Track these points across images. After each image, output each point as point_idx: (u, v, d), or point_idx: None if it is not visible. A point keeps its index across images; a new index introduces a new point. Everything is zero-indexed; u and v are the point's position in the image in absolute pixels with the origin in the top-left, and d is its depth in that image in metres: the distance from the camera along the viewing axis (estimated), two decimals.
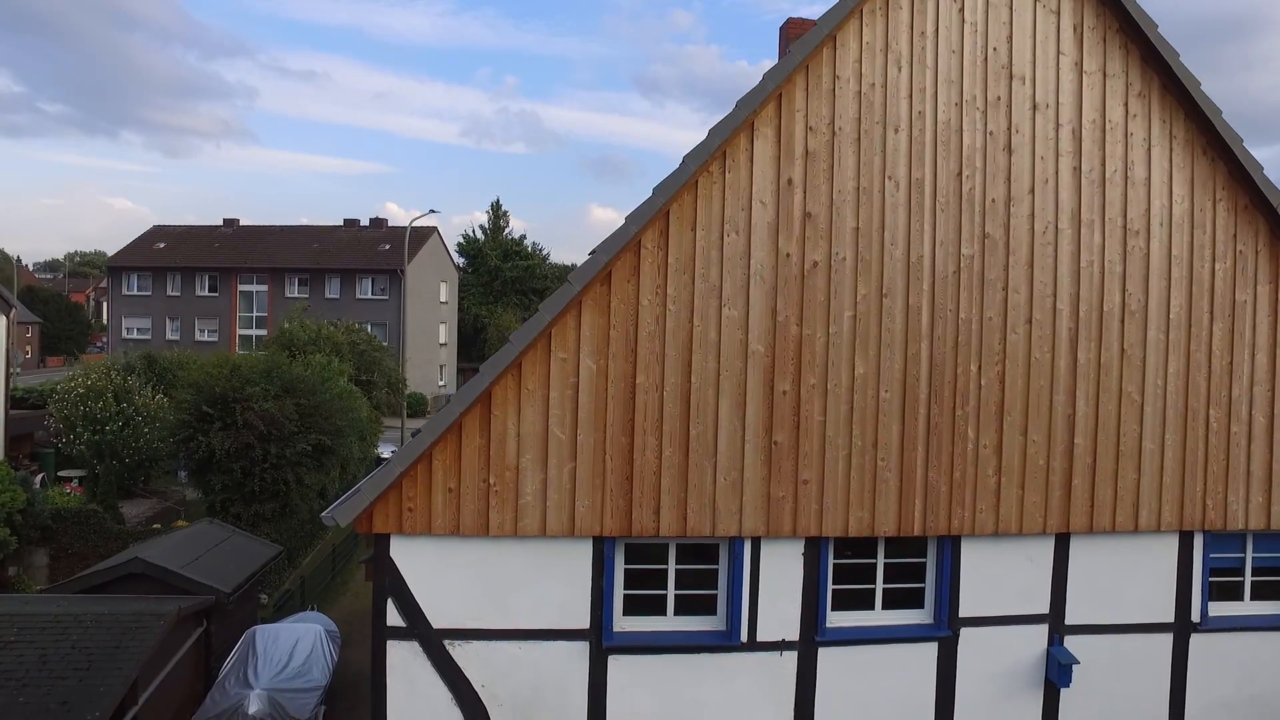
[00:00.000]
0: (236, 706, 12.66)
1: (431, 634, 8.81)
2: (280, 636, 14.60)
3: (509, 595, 8.88)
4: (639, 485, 8.85)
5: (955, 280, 9.35)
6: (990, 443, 9.42)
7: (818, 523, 9.14)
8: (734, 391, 8.98)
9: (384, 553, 8.74)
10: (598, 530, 8.82)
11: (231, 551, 16.36)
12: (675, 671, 9.13)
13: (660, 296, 8.86)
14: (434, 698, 8.84)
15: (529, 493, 8.72)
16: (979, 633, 9.61)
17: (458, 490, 8.66)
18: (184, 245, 51.04)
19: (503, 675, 8.91)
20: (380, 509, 8.61)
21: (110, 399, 22.99)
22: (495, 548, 8.82)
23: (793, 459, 9.08)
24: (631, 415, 8.83)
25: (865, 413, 9.19)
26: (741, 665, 9.22)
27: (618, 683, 9.04)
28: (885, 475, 9.24)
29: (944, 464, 9.34)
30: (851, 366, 9.18)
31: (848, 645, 9.39)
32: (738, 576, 9.13)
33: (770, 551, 9.19)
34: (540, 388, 8.72)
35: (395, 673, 8.81)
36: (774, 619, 9.25)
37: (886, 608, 9.65)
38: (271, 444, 19.61)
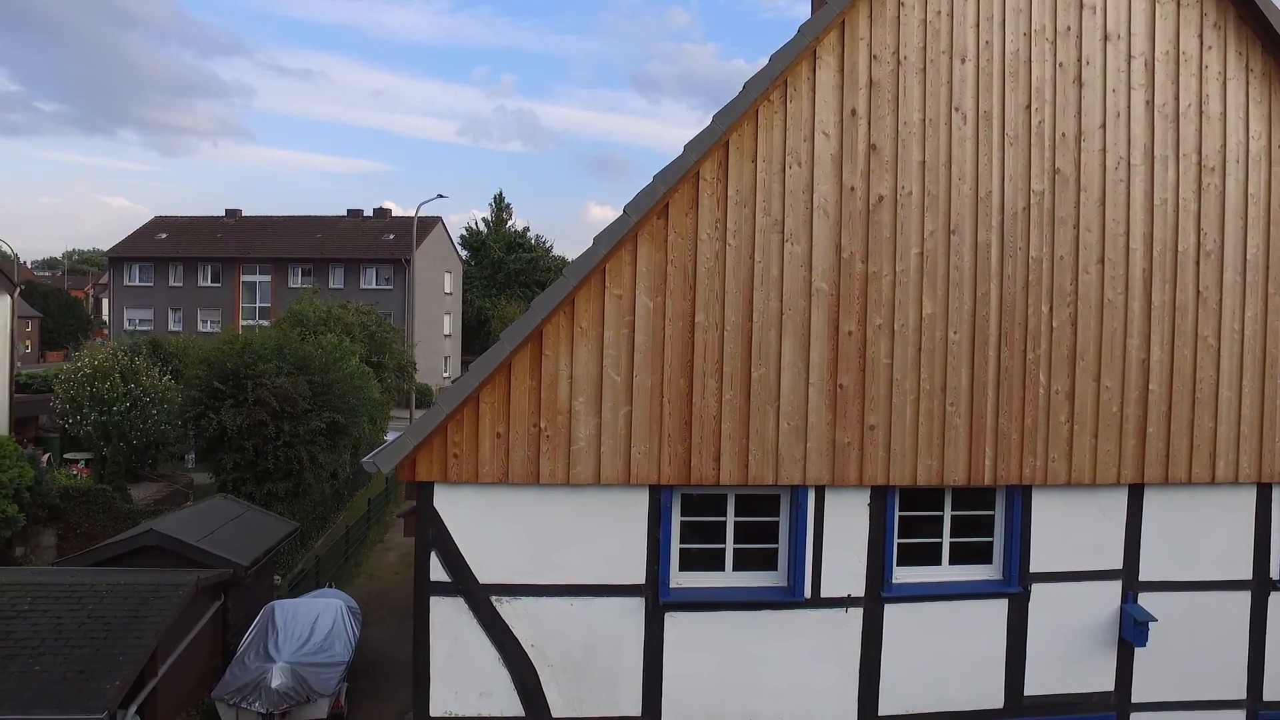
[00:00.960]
0: (259, 680, 12.14)
1: (477, 590, 8.32)
2: (300, 611, 14.08)
3: (560, 549, 8.38)
4: (698, 430, 8.37)
5: (1025, 217, 8.88)
6: (1063, 388, 8.95)
7: (884, 471, 8.66)
8: (797, 331, 8.50)
9: (427, 503, 8.24)
10: (654, 478, 8.34)
11: (247, 526, 15.84)
12: (735, 629, 8.64)
13: (720, 231, 8.38)
14: (479, 657, 8.35)
15: (582, 438, 8.23)
16: (1050, 589, 9.13)
17: (506, 435, 8.17)
18: (186, 236, 50.44)
19: (553, 634, 8.42)
20: (424, 455, 8.12)
21: (118, 379, 22.43)
22: (545, 497, 8.33)
23: (859, 403, 8.60)
24: (690, 356, 8.35)
25: (933, 355, 8.72)
26: (804, 623, 8.74)
27: (674, 641, 8.55)
28: (954, 421, 8.77)
29: (1014, 410, 8.86)
30: (919, 306, 8.70)
31: (915, 602, 8.91)
32: (800, 529, 8.64)
33: (835, 502, 8.71)
34: (594, 326, 8.23)
35: (439, 630, 8.31)
36: (838, 574, 8.77)
37: (953, 563, 9.18)
38: (285, 421, 19.10)
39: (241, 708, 12.14)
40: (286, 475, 19.16)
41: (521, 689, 8.41)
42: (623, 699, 8.55)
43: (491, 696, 8.40)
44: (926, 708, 9.01)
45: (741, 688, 8.68)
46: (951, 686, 9.03)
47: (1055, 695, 9.23)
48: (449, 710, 8.37)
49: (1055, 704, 9.25)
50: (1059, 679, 9.22)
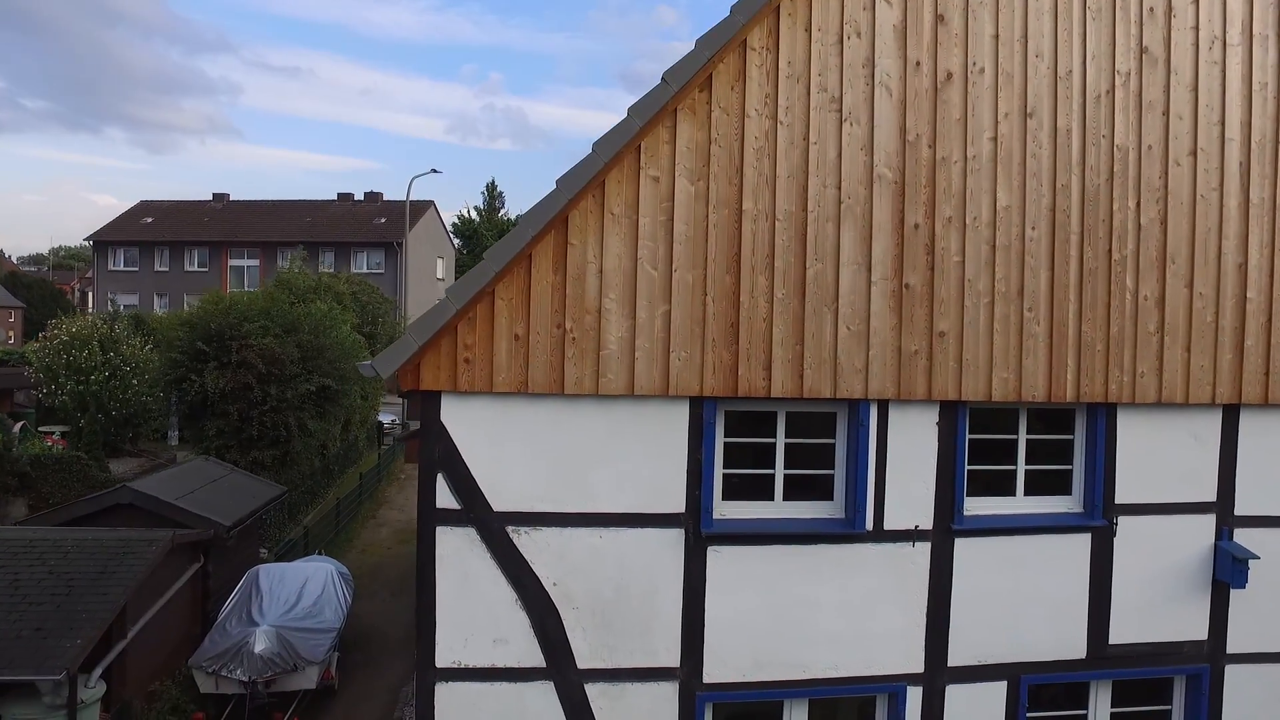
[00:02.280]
0: (240, 646, 10.96)
1: (491, 519, 7.20)
2: (287, 575, 12.91)
3: (587, 471, 7.28)
4: (746, 335, 7.28)
5: (1109, 101, 7.85)
6: (1151, 294, 7.91)
7: (956, 384, 7.59)
8: (858, 223, 7.43)
9: (434, 417, 7.12)
10: (696, 389, 7.25)
11: (231, 488, 14.66)
12: (786, 566, 7.56)
13: (770, 107, 7.31)
14: (493, 598, 7.23)
15: (614, 342, 7.14)
16: (1137, 523, 8.08)
17: (526, 337, 7.06)
18: (172, 220, 49.01)
19: (578, 570, 7.31)
20: (430, 359, 7.01)
21: (96, 347, 21.18)
22: (571, 411, 7.23)
23: (926, 307, 7.54)
24: (737, 249, 7.27)
25: (1009, 253, 7.67)
26: (864, 559, 7.66)
27: (718, 580, 7.46)
28: (1033, 329, 7.72)
29: (1099, 318, 7.82)
30: (993, 198, 7.65)
31: (988, 536, 7.85)
32: (861, 452, 7.57)
33: (900, 420, 7.64)
34: (628, 212, 7.14)
35: (446, 566, 7.19)
36: (903, 504, 7.69)
37: (1028, 494, 8.12)
38: (272, 385, 17.92)
39: (222, 676, 10.97)
40: (273, 443, 17.97)
41: (542, 635, 7.29)
42: (659, 647, 7.44)
43: (507, 644, 7.28)
44: (1001, 657, 7.94)
45: (793, 634, 7.60)
46: (1029, 633, 7.97)
47: (1143, 644, 8.17)
48: (457, 660, 7.25)
49: (1143, 654, 8.19)
50: (1147, 626, 8.17)
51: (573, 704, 7.35)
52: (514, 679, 7.30)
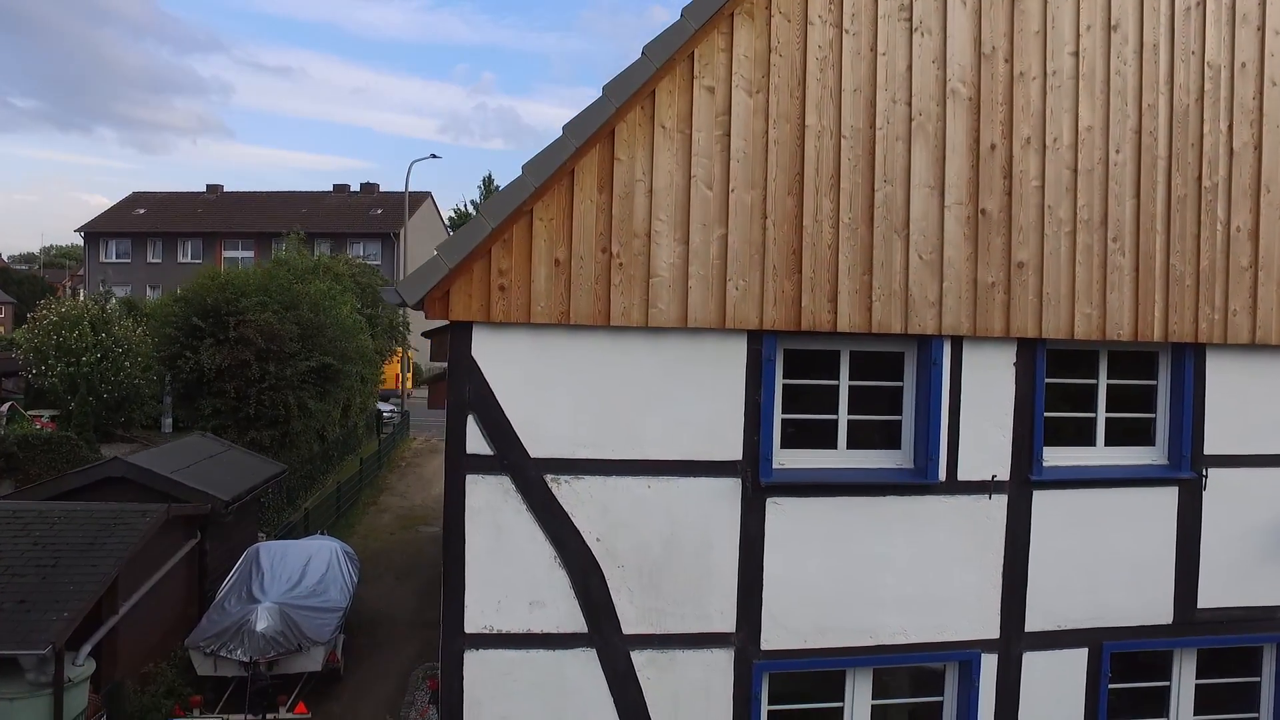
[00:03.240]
0: (241, 624, 10.18)
1: (528, 466, 6.48)
2: (289, 553, 12.14)
3: (635, 414, 6.56)
4: (810, 263, 6.59)
5: (1199, 14, 7.20)
6: (1244, 226, 7.26)
7: (1036, 320, 6.92)
8: (930, 143, 6.75)
9: (464, 351, 6.40)
10: (755, 322, 6.55)
11: (229, 464, 13.89)
12: (852, 521, 6.85)
13: (835, 14, 6.62)
14: (529, 554, 6.50)
15: (664, 268, 6.43)
16: (1228, 476, 7.42)
17: (567, 262, 6.35)
18: (165, 211, 47.99)
19: (624, 524, 6.59)
20: (461, 285, 6.28)
21: (87, 328, 20.34)
22: (617, 346, 6.51)
23: (1004, 234, 6.87)
24: (799, 169, 6.58)
25: (1092, 178, 7.00)
26: (936, 513, 6.96)
27: (777, 536, 6.75)
28: (1117, 261, 7.05)
29: (1188, 251, 7.17)
30: (1074, 118, 6.98)
31: (1069, 489, 7.17)
32: (933, 395, 6.88)
33: (974, 360, 6.96)
34: (680, 126, 6.44)
35: (477, 520, 6.45)
36: (978, 452, 7.01)
37: (1109, 445, 7.45)
38: (270, 362, 17.14)
39: (221, 657, 10.20)
40: (272, 423, 17.19)
41: (584, 597, 6.57)
42: (713, 610, 6.73)
43: (545, 607, 6.55)
44: (1082, 622, 7.25)
45: (859, 596, 6.89)
46: (1111, 595, 7.29)
47: (1235, 609, 7.50)
48: (489, 625, 6.51)
49: (1235, 619, 7.52)
50: (1239, 588, 7.50)
51: (617, 673, 6.63)
52: (552, 646, 6.57)
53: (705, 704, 6.75)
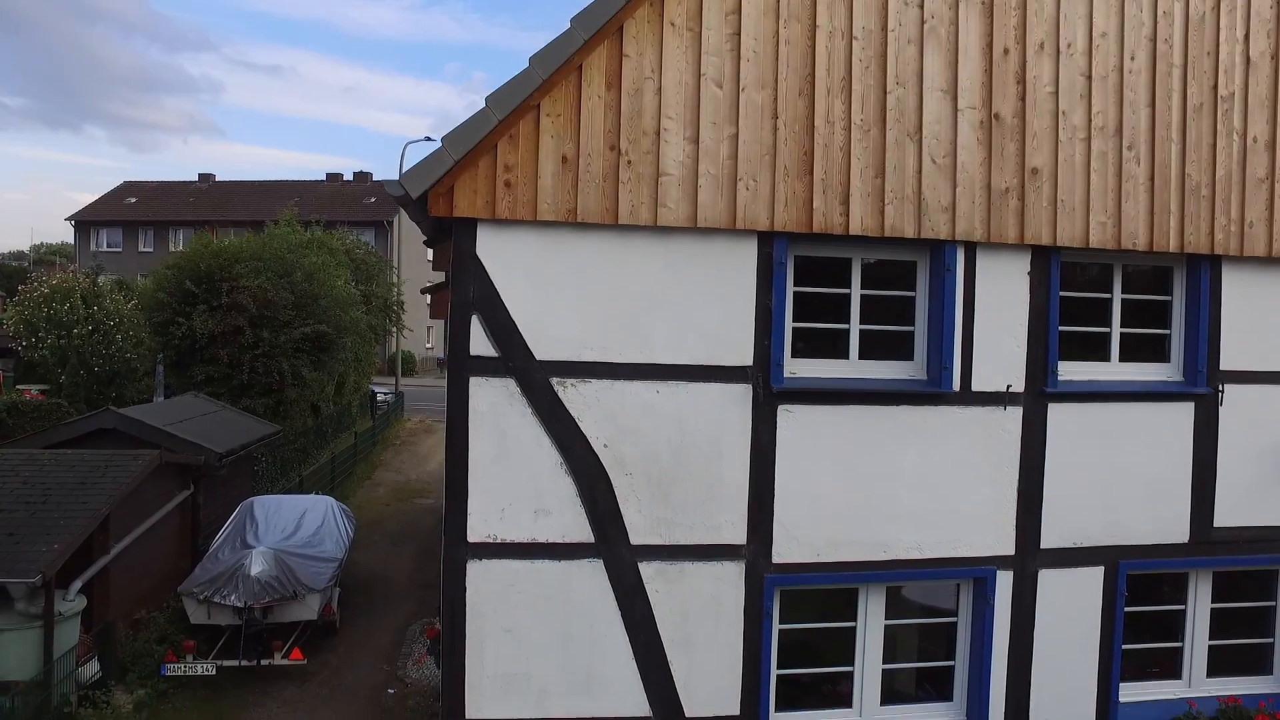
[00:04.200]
0: (235, 569, 9.96)
1: (533, 369, 6.32)
2: (284, 505, 11.93)
3: (643, 316, 6.41)
4: (822, 164, 6.45)
5: None
6: (1261, 136, 7.16)
7: (1050, 227, 6.79)
8: (943, 46, 6.63)
9: (468, 250, 6.23)
10: (766, 223, 6.40)
11: (222, 422, 13.67)
12: (865, 431, 6.71)
13: None
14: (534, 461, 6.33)
15: (674, 166, 6.28)
16: (1244, 393, 7.31)
17: (575, 160, 6.19)
18: (157, 200, 47.63)
19: (633, 430, 6.43)
20: (466, 181, 6.12)
21: (78, 300, 20.07)
22: (626, 246, 6.36)
23: (1018, 141, 6.74)
24: (811, 69, 6.44)
25: (1106, 86, 6.89)
26: (951, 424, 6.82)
27: (789, 445, 6.60)
28: (1132, 170, 6.94)
29: (1203, 160, 7.06)
30: (1088, 23, 6.87)
31: (1084, 402, 7.04)
32: (947, 303, 6.74)
33: (988, 268, 6.82)
34: (689, 22, 6.29)
35: (481, 423, 6.28)
36: (992, 363, 6.87)
37: (1124, 360, 7.33)
38: (264, 329, 16.91)
39: (214, 603, 9.97)
40: (265, 390, 16.95)
41: (590, 506, 6.40)
42: (722, 521, 6.57)
43: (550, 516, 6.38)
44: (1098, 539, 7.12)
45: (873, 509, 6.74)
46: (1127, 513, 7.16)
47: (1251, 529, 7.39)
48: (493, 534, 6.34)
49: (1252, 539, 7.40)
50: (1256, 508, 7.38)
51: (624, 586, 6.46)
52: (558, 556, 6.39)
53: (715, 618, 6.58)
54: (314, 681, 10.16)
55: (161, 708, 9.24)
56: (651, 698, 6.54)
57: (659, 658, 6.52)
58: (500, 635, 6.38)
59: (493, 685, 6.40)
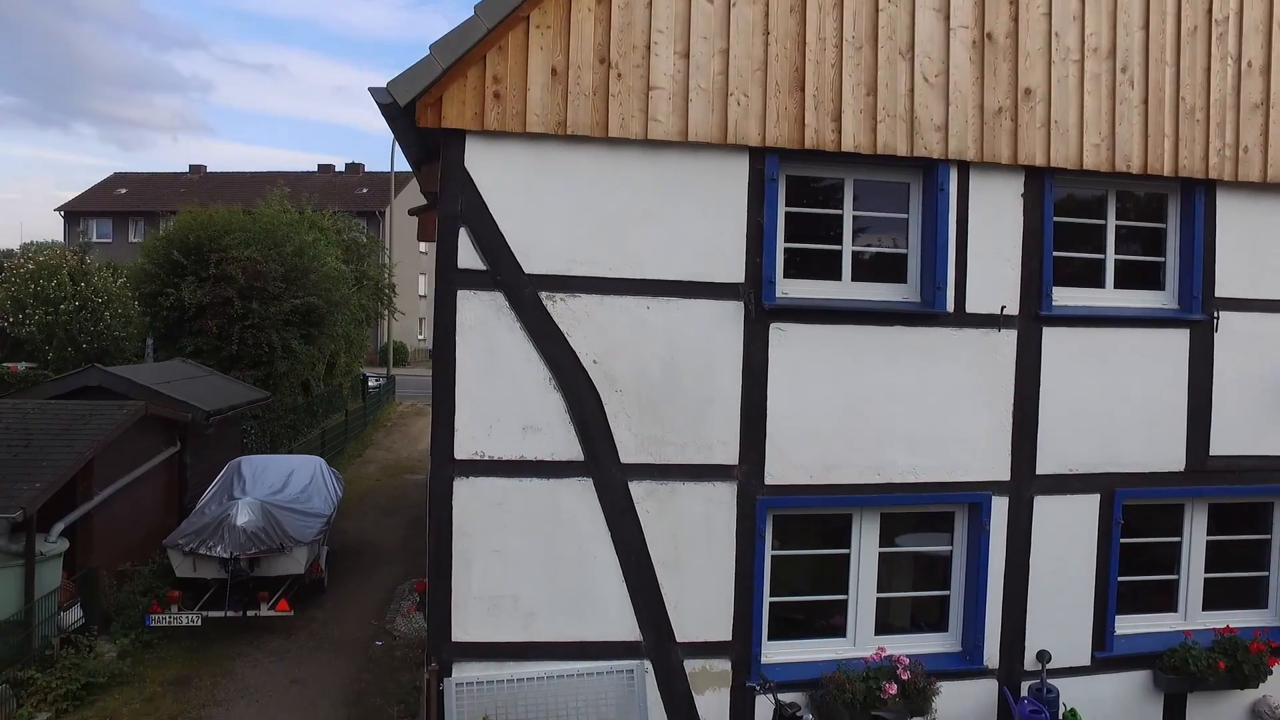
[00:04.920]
0: (221, 520, 9.82)
1: (522, 283, 6.23)
2: (272, 464, 11.82)
3: (633, 231, 6.33)
4: (814, 81, 6.38)
5: None
6: (1256, 61, 7.12)
7: (1044, 148, 6.73)
8: None
9: (456, 162, 6.14)
10: (757, 139, 6.33)
11: (210, 386, 13.53)
12: (859, 352, 6.63)
13: None
14: (523, 377, 6.24)
15: (664, 80, 6.20)
16: (1241, 320, 7.25)
17: (565, 72, 6.11)
18: (147, 191, 47.36)
19: (623, 346, 6.34)
20: (454, 91, 6.03)
21: (65, 277, 19.92)
22: (616, 161, 6.28)
23: (1010, 60, 6.69)
24: None
25: (1100, 6, 6.83)
26: (945, 345, 6.75)
27: (782, 364, 6.51)
28: (1126, 93, 6.88)
29: (1198, 85, 7.01)
30: None
31: (1079, 327, 6.97)
32: (940, 223, 6.67)
33: (981, 189, 6.76)
34: None
35: (468, 337, 6.19)
36: (986, 285, 6.80)
37: (1118, 288, 7.28)
38: (254, 300, 16.76)
39: (200, 556, 9.83)
40: (255, 363, 16.79)
41: (580, 423, 6.31)
42: (714, 440, 6.48)
43: (539, 433, 6.29)
44: (1094, 466, 7.05)
45: (867, 431, 6.66)
46: (1124, 440, 7.09)
47: (1247, 458, 7.32)
48: (481, 451, 6.24)
49: (1248, 469, 7.34)
50: (1252, 438, 7.32)
51: (614, 506, 6.36)
52: (546, 474, 6.30)
53: (707, 540, 6.49)
54: (301, 634, 10.03)
55: (145, 657, 9.10)
56: (642, 622, 6.44)
57: (650, 580, 6.43)
58: (488, 556, 6.27)
59: (480, 607, 6.30)
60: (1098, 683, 7.14)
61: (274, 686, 8.70)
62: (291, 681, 8.84)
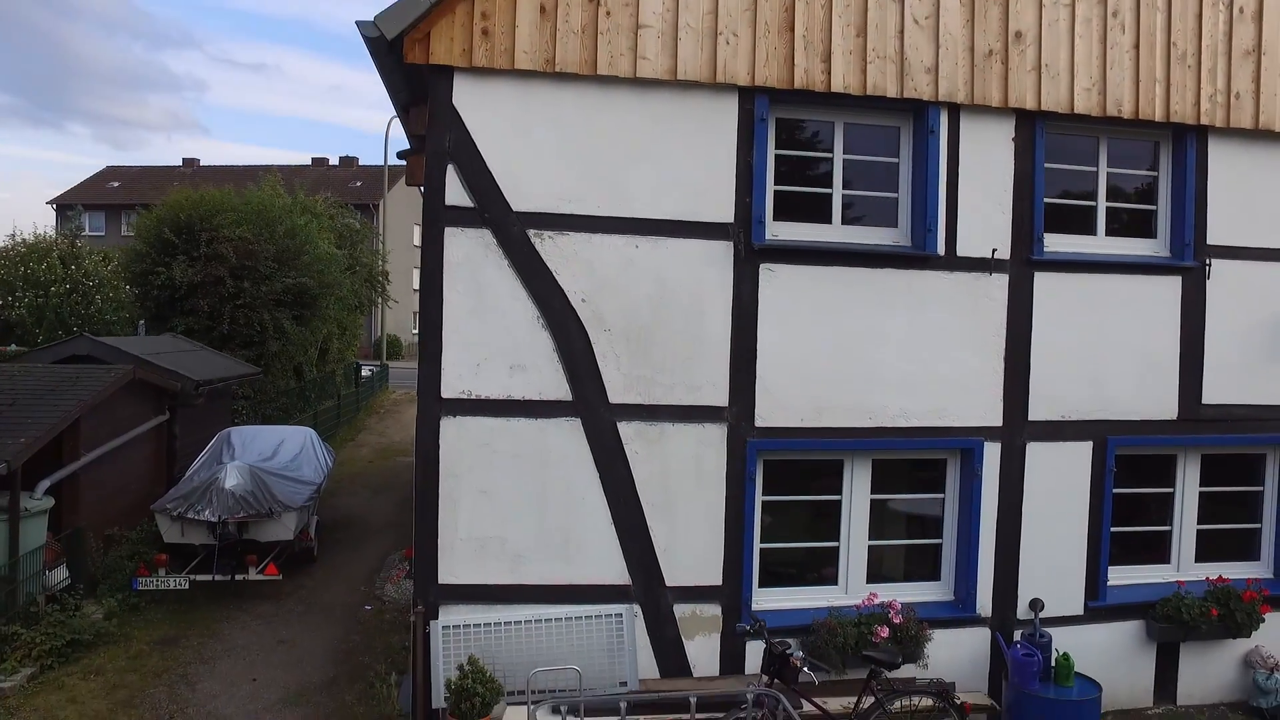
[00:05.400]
0: (209, 484, 9.74)
1: (510, 220, 6.18)
2: (262, 433, 11.74)
3: (622, 170, 6.28)
4: (804, 20, 6.35)
5: None
6: (1247, 8, 7.10)
7: (1035, 91, 6.71)
8: None
9: (444, 100, 6.09)
10: (747, 78, 6.29)
11: (201, 359, 13.45)
12: (849, 294, 6.59)
13: None
14: (511, 314, 6.20)
15: (653, 18, 6.17)
16: (1232, 269, 7.22)
17: (553, 9, 6.07)
18: (140, 184, 47.20)
19: (611, 285, 6.30)
20: (443, 27, 5.98)
21: (55, 260, 19.81)
22: (605, 99, 6.23)
23: (1001, 3, 6.66)
24: None
25: None
26: (936, 288, 6.71)
27: (772, 305, 6.47)
28: (1117, 38, 6.86)
29: (1189, 30, 6.99)
30: None
31: (1071, 272, 6.94)
32: (930, 165, 6.64)
33: (972, 132, 6.73)
34: None
35: (457, 274, 6.14)
36: (977, 229, 6.77)
37: (1109, 235, 7.25)
38: (245, 279, 16.68)
39: (188, 520, 9.74)
40: (247, 342, 16.70)
41: (568, 362, 6.26)
42: (703, 381, 6.43)
43: (526, 372, 6.24)
44: (1086, 413, 7.01)
45: (857, 373, 6.62)
46: (1116, 387, 7.06)
47: (1239, 406, 7.30)
48: (468, 390, 6.19)
49: (1241, 417, 7.31)
50: (1244, 386, 7.29)
51: (603, 447, 6.31)
52: (534, 414, 6.25)
53: (696, 483, 6.44)
54: (289, 600, 9.95)
55: (132, 619, 9.01)
56: (631, 565, 6.39)
57: (639, 523, 6.38)
58: (475, 496, 6.22)
59: (467, 548, 6.24)
60: (1090, 632, 7.10)
61: (261, 646, 8.62)
62: (279, 642, 8.75)
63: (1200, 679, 7.39)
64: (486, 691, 5.61)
